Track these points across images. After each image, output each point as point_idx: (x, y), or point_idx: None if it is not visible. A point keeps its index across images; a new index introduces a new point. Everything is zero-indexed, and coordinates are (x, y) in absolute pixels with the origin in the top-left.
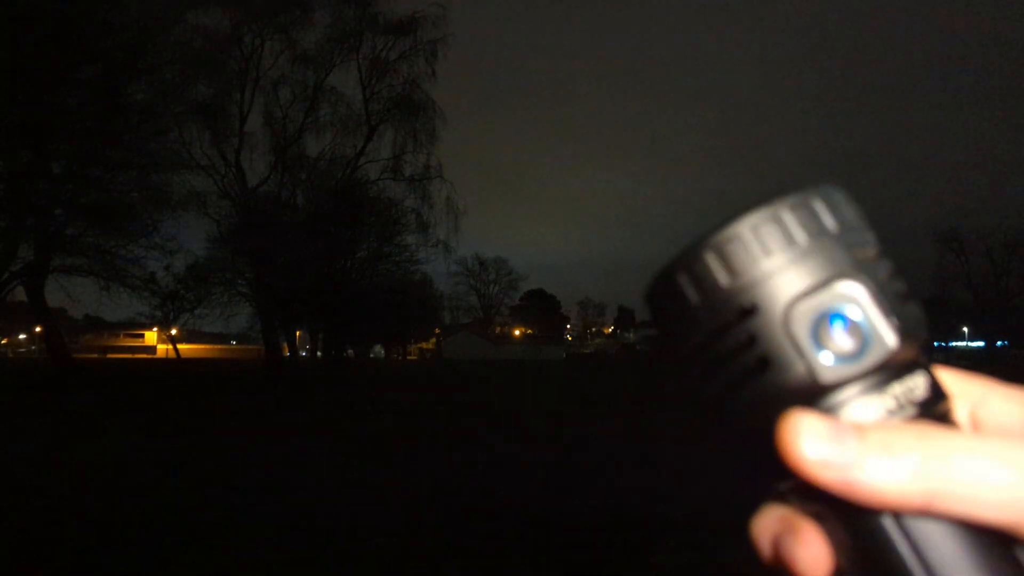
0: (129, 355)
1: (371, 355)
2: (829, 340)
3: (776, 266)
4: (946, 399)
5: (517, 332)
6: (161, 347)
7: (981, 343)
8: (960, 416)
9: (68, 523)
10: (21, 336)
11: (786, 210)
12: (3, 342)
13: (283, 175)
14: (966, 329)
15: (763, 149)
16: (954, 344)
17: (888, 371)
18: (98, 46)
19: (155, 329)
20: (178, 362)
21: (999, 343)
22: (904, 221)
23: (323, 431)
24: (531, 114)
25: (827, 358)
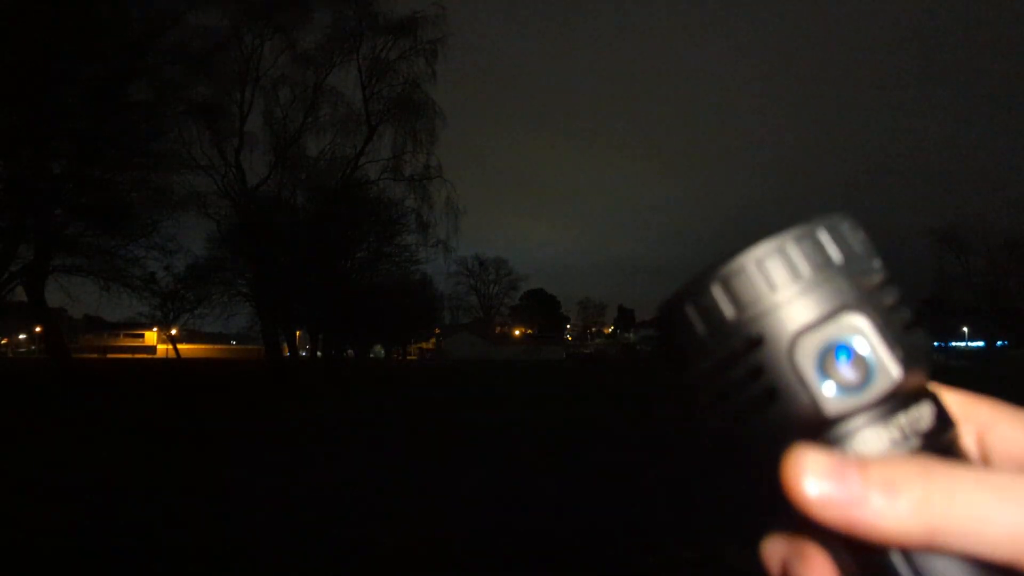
0: (129, 355)
1: (371, 355)
2: (834, 372)
3: (781, 299)
4: (952, 428)
5: (517, 332)
6: (161, 347)
7: (981, 343)
8: (967, 442)
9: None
10: (21, 336)
11: (791, 243)
12: (3, 342)
13: (283, 175)
14: (966, 329)
15: (763, 150)
16: (954, 344)
17: (893, 402)
18: (98, 46)
19: (155, 329)
20: (178, 362)
21: (999, 343)
22: (904, 221)
23: (325, 436)
24: (531, 114)
25: (832, 390)
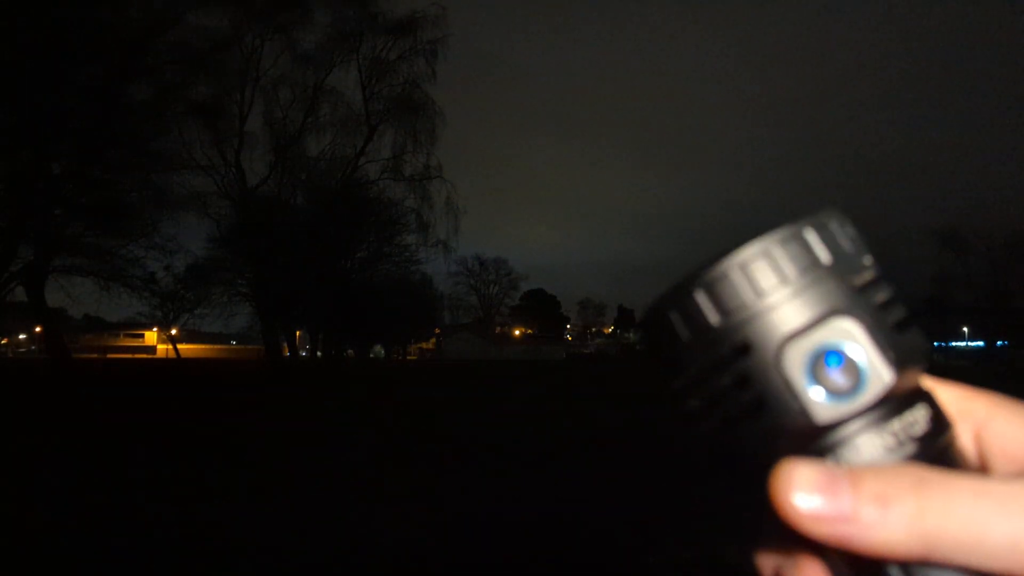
0: (129, 355)
1: (371, 355)
2: (824, 378)
3: (768, 304)
4: (949, 430)
5: (517, 332)
6: (161, 347)
7: (981, 343)
8: (965, 442)
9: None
10: (21, 336)
11: (776, 245)
12: (3, 342)
13: (283, 175)
14: (966, 329)
15: (763, 149)
16: (954, 344)
17: (887, 406)
18: (98, 46)
19: (155, 329)
20: (178, 362)
21: (999, 343)
22: (904, 221)
23: (324, 436)
24: (531, 114)
25: (823, 397)
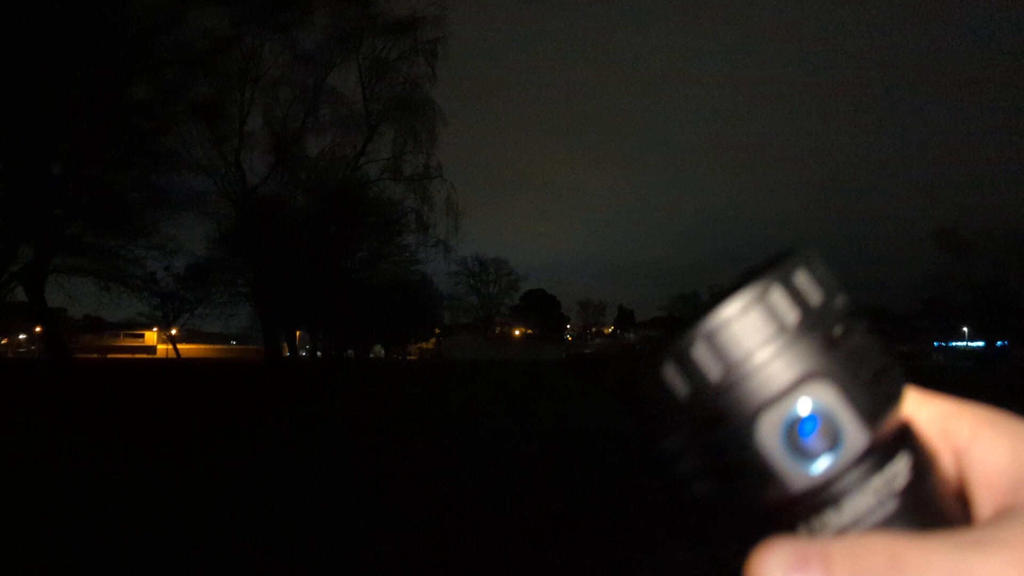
0: (129, 355)
1: (371, 355)
2: (800, 446)
3: (737, 376)
4: (931, 474)
5: (517, 332)
6: (161, 347)
7: (981, 343)
8: (947, 471)
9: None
10: (21, 336)
11: (740, 314)
12: (3, 342)
13: (283, 175)
14: (966, 329)
15: (763, 148)
16: (954, 344)
17: (866, 464)
18: (98, 46)
19: (155, 329)
20: (178, 362)
21: (999, 343)
22: (904, 221)
23: (324, 436)
24: (531, 114)
25: (799, 465)
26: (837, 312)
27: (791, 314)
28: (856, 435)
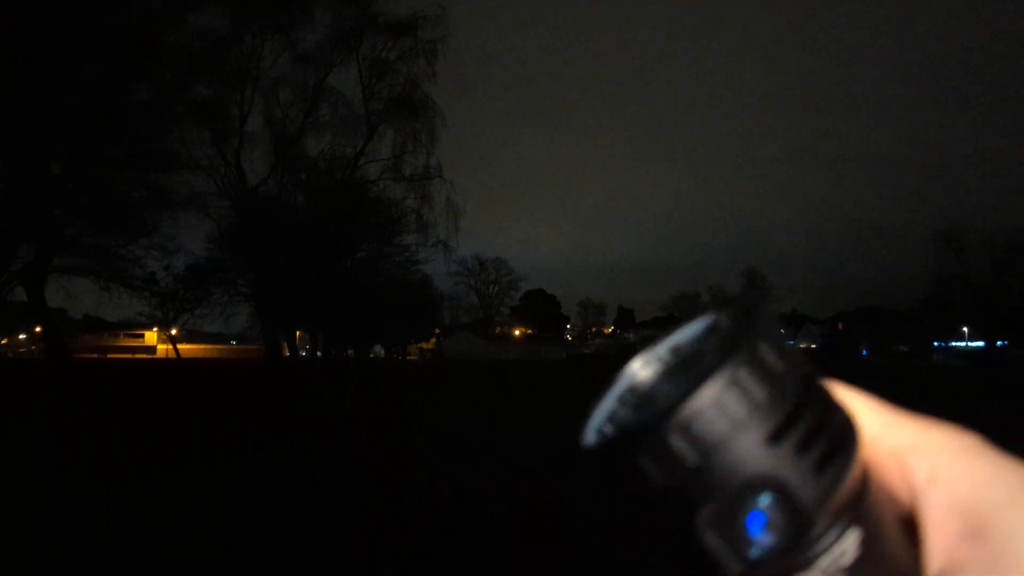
0: (129, 355)
1: (371, 355)
2: (747, 543)
3: (683, 480)
4: (879, 546)
5: (517, 332)
6: (161, 347)
7: (981, 343)
8: (898, 536)
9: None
10: (21, 336)
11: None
12: (3, 342)
13: (283, 175)
14: (966, 329)
15: (764, 149)
16: (954, 344)
17: (815, 546)
18: (98, 46)
19: (155, 329)
20: (178, 362)
21: (999, 343)
22: (904, 221)
23: (323, 436)
24: (531, 113)
25: (747, 559)
26: (778, 399)
27: (736, 409)
28: (801, 524)
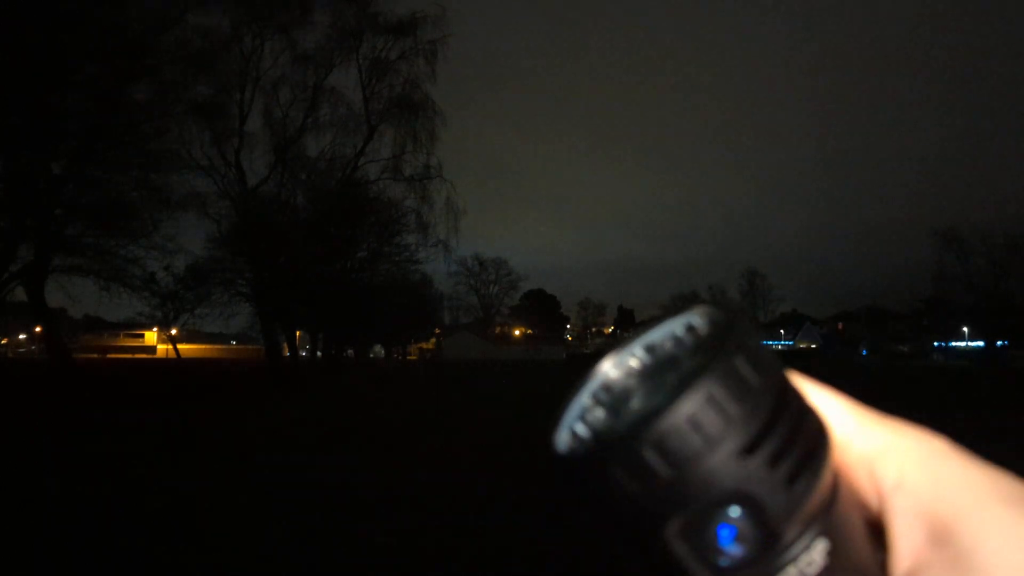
0: (129, 355)
1: (371, 355)
2: (717, 552)
3: (654, 489)
4: (846, 557)
5: (517, 332)
6: (161, 347)
7: (981, 343)
8: (865, 547)
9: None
10: (21, 336)
11: (657, 436)
12: (3, 342)
13: (283, 175)
14: (966, 329)
15: (762, 148)
16: (954, 344)
17: (782, 558)
18: (98, 46)
19: (155, 329)
20: (178, 362)
21: (999, 343)
22: (904, 221)
23: (323, 436)
24: (531, 114)
25: (716, 565)
26: (750, 415)
27: (713, 423)
28: (770, 536)
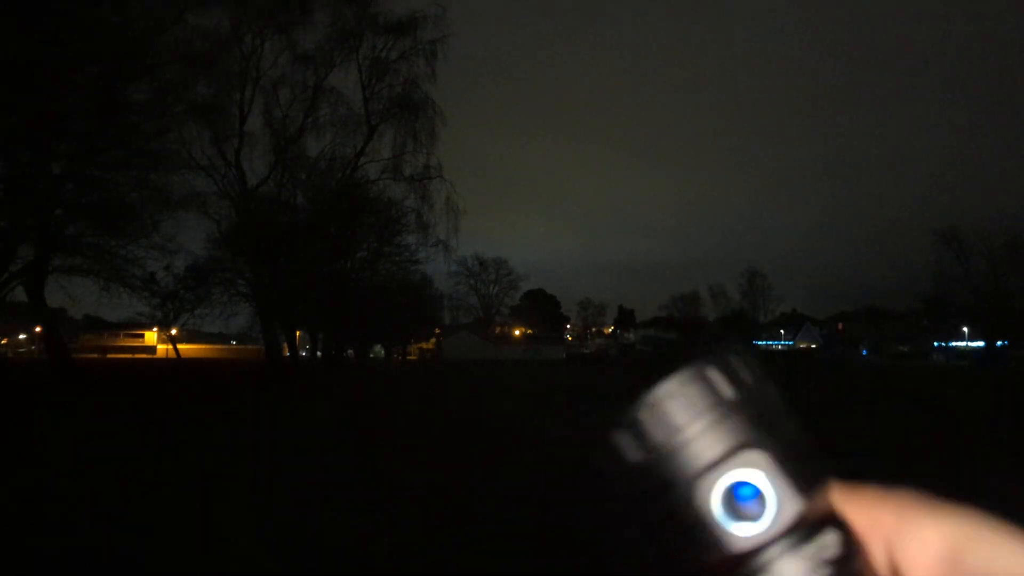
0: (129, 355)
1: (371, 355)
2: (738, 510)
3: (681, 441)
4: (860, 553)
5: (517, 332)
6: (161, 347)
7: (981, 343)
8: (878, 560)
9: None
10: (21, 336)
11: (685, 384)
12: (3, 342)
13: (283, 175)
14: (966, 329)
15: (762, 148)
16: (954, 344)
17: (800, 532)
18: (98, 46)
19: (155, 329)
20: (178, 362)
21: (999, 343)
22: (904, 221)
23: (322, 436)
24: (531, 114)
25: (737, 527)
26: (773, 398)
27: (728, 390)
28: (790, 503)
